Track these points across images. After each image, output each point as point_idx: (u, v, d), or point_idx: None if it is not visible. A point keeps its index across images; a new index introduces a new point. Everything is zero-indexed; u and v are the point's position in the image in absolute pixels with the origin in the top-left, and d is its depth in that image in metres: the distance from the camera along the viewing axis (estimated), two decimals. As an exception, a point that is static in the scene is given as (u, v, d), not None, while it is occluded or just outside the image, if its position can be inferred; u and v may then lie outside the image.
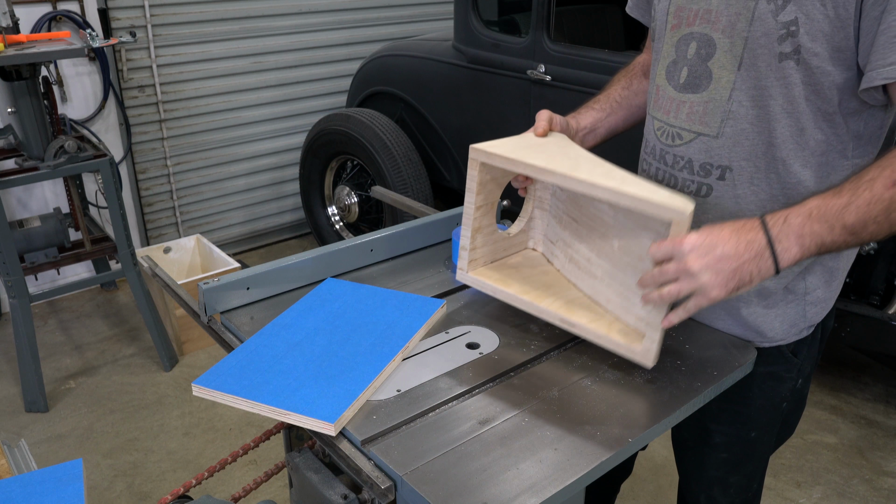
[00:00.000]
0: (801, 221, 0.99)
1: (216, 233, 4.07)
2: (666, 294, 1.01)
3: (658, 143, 1.27)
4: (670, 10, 1.20)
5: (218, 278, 1.33)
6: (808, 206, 1.00)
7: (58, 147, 2.65)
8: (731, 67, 1.12)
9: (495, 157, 1.20)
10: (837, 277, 1.24)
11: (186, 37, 3.62)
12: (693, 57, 1.17)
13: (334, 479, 1.11)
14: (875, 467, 2.52)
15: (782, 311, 1.23)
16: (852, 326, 2.63)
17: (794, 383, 1.31)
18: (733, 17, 1.10)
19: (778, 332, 1.25)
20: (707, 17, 1.13)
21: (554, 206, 1.37)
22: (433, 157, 3.49)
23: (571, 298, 1.25)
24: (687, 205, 1.00)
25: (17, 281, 2.67)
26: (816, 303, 1.24)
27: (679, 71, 1.20)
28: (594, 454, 0.97)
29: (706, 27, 1.14)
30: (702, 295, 1.00)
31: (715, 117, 1.16)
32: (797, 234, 0.99)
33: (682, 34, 1.18)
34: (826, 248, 1.00)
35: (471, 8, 3.12)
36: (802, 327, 1.26)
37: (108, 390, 2.93)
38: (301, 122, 4.13)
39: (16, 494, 1.06)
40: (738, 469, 1.37)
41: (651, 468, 2.49)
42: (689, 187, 1.22)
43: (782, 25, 1.05)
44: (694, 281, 0.99)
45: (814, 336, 1.29)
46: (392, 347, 1.19)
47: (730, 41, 1.11)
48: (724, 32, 1.11)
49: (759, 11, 1.06)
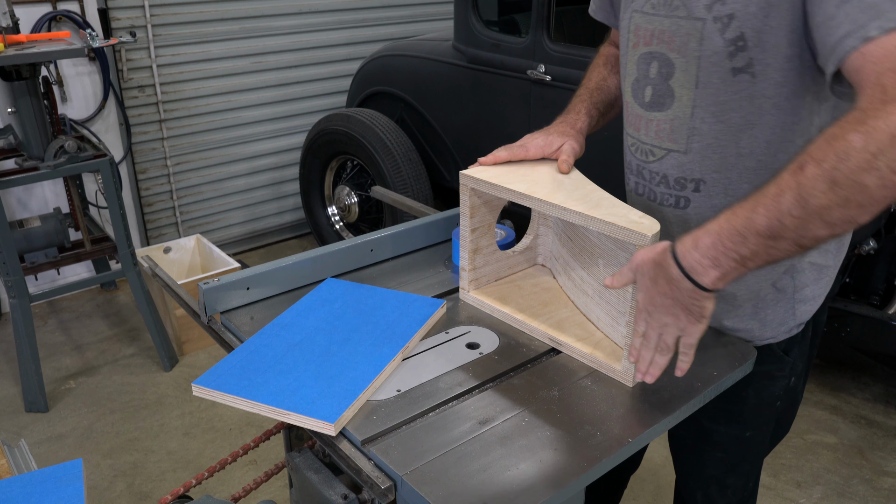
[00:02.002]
0: (712, 241, 0.92)
1: (216, 233, 4.08)
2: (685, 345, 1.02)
3: (634, 158, 1.29)
4: (630, 28, 1.22)
5: (218, 278, 1.33)
6: (718, 222, 0.93)
7: (58, 147, 2.65)
8: (690, 86, 1.13)
9: (481, 183, 1.25)
10: (827, 275, 1.24)
11: (186, 37, 3.62)
12: (655, 76, 1.18)
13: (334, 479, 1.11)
14: (875, 467, 2.52)
15: (772, 309, 1.23)
16: (852, 326, 2.63)
17: (786, 381, 1.31)
18: (684, 37, 1.11)
19: (767, 331, 1.25)
20: (662, 38, 1.15)
21: (556, 223, 1.40)
22: (433, 157, 3.49)
23: (564, 317, 1.28)
24: (651, 228, 1.03)
25: (17, 281, 2.67)
26: (806, 301, 1.24)
27: (643, 89, 1.22)
28: (594, 454, 0.97)
29: (663, 47, 1.15)
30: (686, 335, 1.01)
31: (681, 134, 1.17)
32: (710, 256, 0.92)
33: (641, 52, 1.20)
34: (750, 260, 0.91)
35: (471, 8, 3.12)
36: (792, 325, 1.26)
37: (108, 390, 2.93)
38: (301, 122, 4.14)
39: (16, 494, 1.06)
40: (734, 468, 1.38)
41: (651, 468, 2.49)
42: (667, 201, 1.23)
43: (729, 42, 1.06)
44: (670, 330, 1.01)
45: (804, 334, 1.30)
46: (392, 347, 1.19)
47: (685, 60, 1.13)
48: (679, 52, 1.13)
49: (707, 31, 1.08)
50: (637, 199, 1.29)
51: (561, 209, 1.13)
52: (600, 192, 1.17)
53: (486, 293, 1.37)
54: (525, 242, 1.45)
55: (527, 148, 1.30)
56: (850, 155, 0.82)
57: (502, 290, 1.38)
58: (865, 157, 0.81)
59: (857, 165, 0.82)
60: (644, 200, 1.27)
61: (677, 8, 1.11)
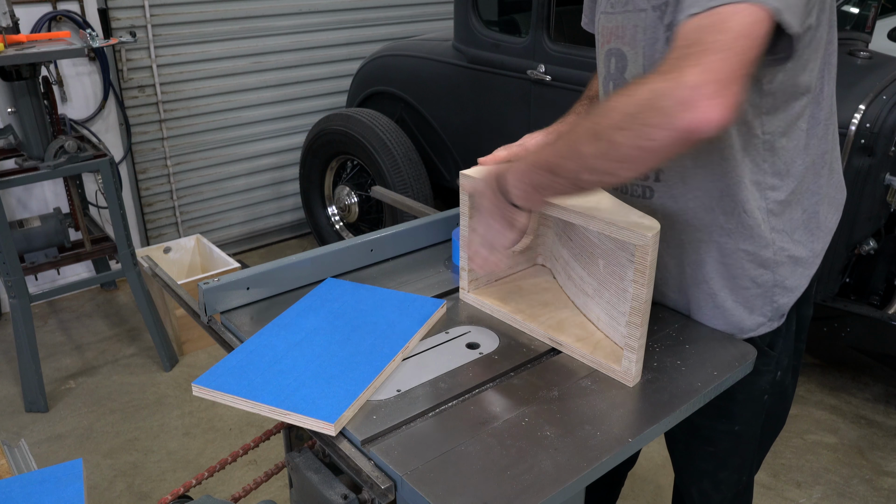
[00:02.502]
0: (520, 170, 1.08)
1: (216, 233, 4.08)
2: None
3: None
4: (598, 30, 1.27)
5: (218, 278, 1.33)
6: (531, 154, 1.09)
7: (58, 147, 2.65)
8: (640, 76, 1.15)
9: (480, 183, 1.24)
10: (803, 265, 1.25)
11: (186, 37, 3.62)
12: (615, 71, 1.23)
13: (334, 479, 1.11)
14: (875, 467, 2.52)
15: (750, 302, 1.25)
16: (852, 326, 2.63)
17: (772, 376, 1.33)
18: (632, 30, 1.15)
19: (747, 325, 1.26)
20: (617, 33, 1.19)
21: (556, 223, 1.40)
22: (433, 157, 3.49)
23: (563, 318, 1.29)
24: (651, 228, 1.04)
25: (17, 281, 2.67)
26: (785, 292, 1.25)
27: (608, 85, 1.26)
28: (594, 454, 0.97)
29: (618, 42, 1.20)
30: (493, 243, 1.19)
31: None
32: (518, 179, 1.08)
33: (605, 51, 1.25)
34: (543, 189, 1.05)
35: (471, 8, 3.12)
36: (772, 317, 1.27)
37: (108, 390, 2.93)
38: (301, 122, 4.14)
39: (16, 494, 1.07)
40: (725, 463, 1.40)
41: (651, 468, 2.49)
42: (636, 191, 1.28)
43: (667, 28, 1.09)
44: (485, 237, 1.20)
45: (788, 327, 1.31)
46: (392, 347, 1.19)
47: (634, 52, 1.16)
48: (630, 45, 1.17)
49: (649, 20, 1.12)
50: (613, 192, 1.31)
51: (561, 209, 1.13)
52: (601, 192, 1.17)
53: (485, 293, 1.37)
54: (525, 242, 1.45)
55: (526, 147, 1.32)
56: (610, 113, 0.93)
57: (502, 290, 1.38)
58: (621, 116, 0.91)
59: (613, 123, 0.91)
60: (618, 193, 1.31)
61: (627, 3, 1.15)
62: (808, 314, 1.37)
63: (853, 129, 2.38)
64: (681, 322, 1.29)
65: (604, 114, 0.93)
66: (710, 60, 0.86)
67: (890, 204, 2.53)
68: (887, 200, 2.52)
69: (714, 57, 0.86)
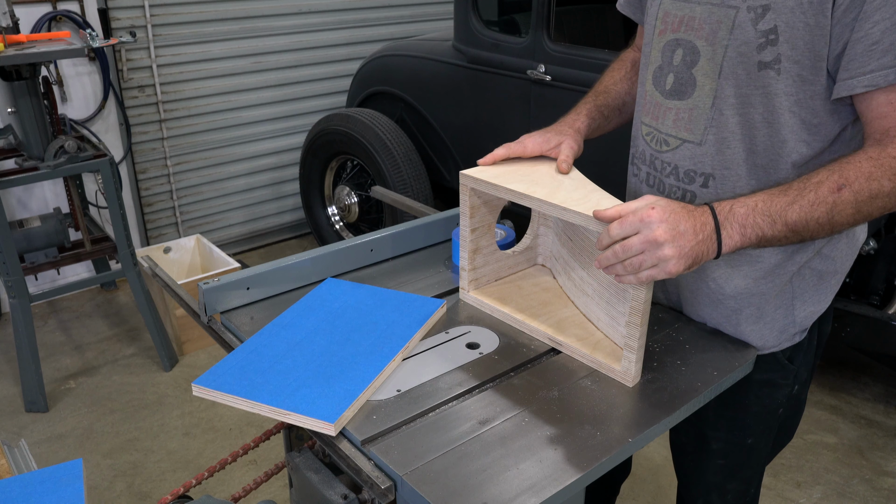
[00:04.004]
0: (746, 212, 1.03)
1: (216, 233, 4.08)
2: (646, 277, 1.01)
3: (648, 148, 1.27)
4: (658, 15, 1.21)
5: (218, 278, 1.33)
6: (754, 199, 1.04)
7: (58, 147, 2.65)
8: (713, 75, 1.13)
9: (481, 183, 1.24)
10: (829, 281, 1.23)
11: (186, 37, 3.62)
12: (679, 63, 1.18)
13: (334, 479, 1.11)
14: (875, 467, 2.52)
15: (771, 317, 1.23)
16: (852, 326, 2.63)
17: (790, 389, 1.30)
18: (714, 24, 1.10)
19: (769, 340, 1.24)
20: (691, 24, 1.14)
21: (556, 223, 1.40)
22: (433, 157, 3.49)
23: (564, 317, 1.28)
24: None
25: (17, 281, 2.67)
26: (806, 307, 1.23)
27: (665, 77, 1.21)
28: (594, 454, 0.97)
29: (690, 34, 1.15)
30: (660, 268, 1.00)
31: (699, 125, 1.17)
32: (741, 223, 1.02)
33: (667, 39, 1.19)
34: (766, 241, 1.04)
35: (471, 8, 3.12)
36: (794, 332, 1.25)
37: (108, 390, 2.93)
38: (301, 122, 4.14)
39: (16, 494, 1.06)
40: (735, 475, 1.37)
41: (651, 468, 2.49)
42: (674, 193, 1.23)
43: (762, 34, 1.06)
44: (658, 252, 0.99)
45: (809, 341, 1.29)
46: (392, 347, 1.19)
47: (712, 49, 1.12)
48: (707, 40, 1.12)
49: (739, 20, 1.07)
50: (648, 190, 1.28)
51: (561, 209, 1.13)
52: (600, 192, 1.17)
53: (486, 293, 1.37)
54: (525, 242, 1.45)
55: (524, 144, 1.30)
56: (879, 196, 1.01)
57: (502, 290, 1.38)
58: (891, 200, 1.02)
59: (882, 205, 1.02)
60: (652, 192, 1.26)
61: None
62: (827, 330, 1.35)
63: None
64: (681, 322, 1.29)
65: (871, 196, 1.01)
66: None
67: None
68: (887, 200, 2.51)
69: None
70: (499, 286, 1.40)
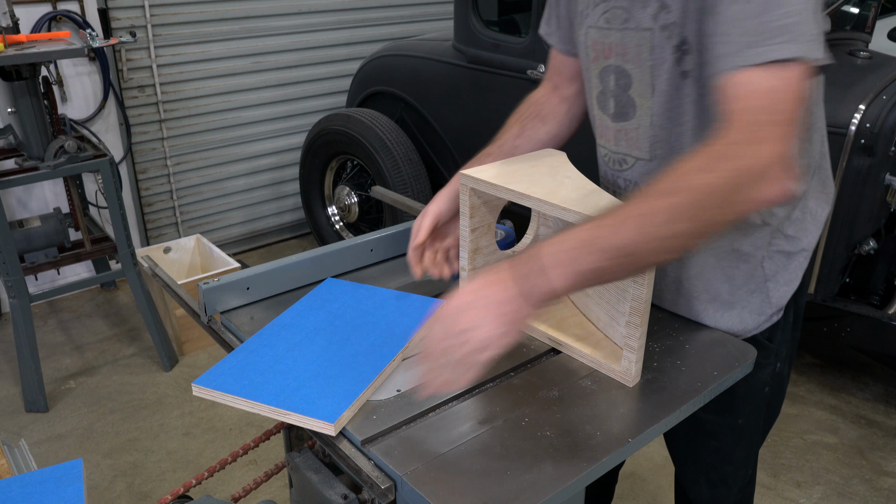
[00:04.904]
0: (563, 249, 0.93)
1: (216, 233, 4.08)
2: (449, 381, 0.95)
3: (608, 169, 1.32)
4: (588, 44, 1.25)
5: (218, 278, 1.33)
6: (569, 235, 0.93)
7: (58, 147, 2.65)
8: (647, 94, 1.17)
9: (481, 183, 1.24)
10: (796, 259, 1.26)
11: (186, 37, 3.62)
12: (615, 88, 1.22)
13: (334, 479, 1.11)
14: (875, 467, 2.52)
15: (748, 302, 1.26)
16: (852, 326, 2.63)
17: (773, 368, 1.34)
18: (636, 48, 1.15)
19: (749, 324, 1.27)
20: (618, 50, 1.18)
21: (556, 223, 1.40)
22: (433, 157, 3.49)
23: (564, 317, 1.28)
24: None
25: (17, 281, 2.67)
26: (779, 286, 1.26)
27: (608, 101, 1.25)
28: (594, 454, 0.97)
29: (619, 59, 1.19)
30: (485, 349, 0.94)
31: (645, 142, 1.21)
32: (559, 262, 0.92)
33: (601, 66, 1.23)
34: (596, 274, 0.92)
35: (471, 8, 3.12)
36: (771, 313, 1.28)
37: (108, 390, 2.93)
38: (301, 122, 4.14)
39: (16, 494, 1.07)
40: (730, 458, 1.40)
41: (651, 468, 2.49)
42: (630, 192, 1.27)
43: (675, 48, 1.10)
44: (473, 336, 0.93)
45: (786, 319, 1.32)
46: (392, 347, 1.19)
47: (640, 70, 1.16)
48: (634, 63, 1.16)
49: (656, 40, 1.11)
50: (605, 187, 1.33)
51: (561, 209, 1.13)
52: (600, 192, 1.17)
53: None
54: (525, 242, 1.45)
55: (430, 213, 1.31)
56: (694, 191, 0.90)
57: None
58: (709, 194, 0.90)
59: (701, 201, 0.90)
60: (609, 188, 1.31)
61: (627, 21, 1.15)
62: (803, 304, 1.39)
63: (853, 129, 2.38)
64: (681, 322, 1.29)
65: (684, 191, 0.90)
66: (784, 134, 0.91)
67: (890, 204, 2.53)
68: (887, 200, 2.52)
69: (786, 129, 0.91)
70: None
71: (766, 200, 0.91)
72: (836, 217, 2.48)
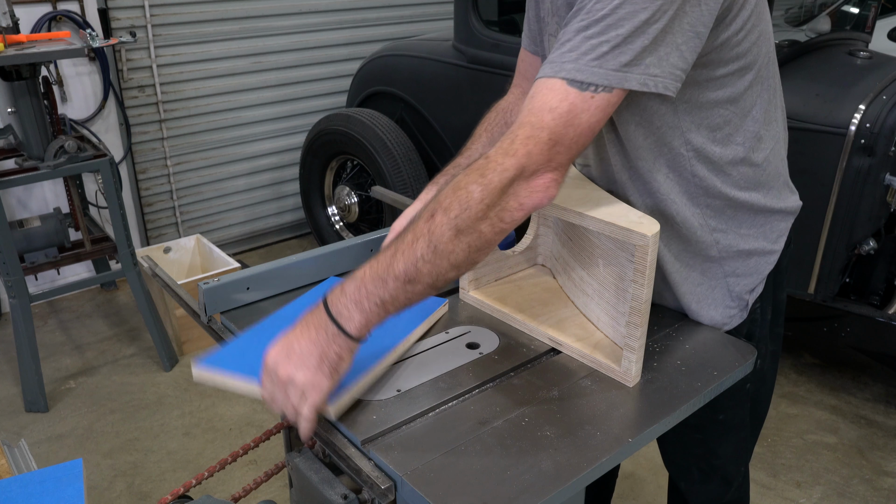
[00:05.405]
0: (356, 286, 0.97)
1: (216, 233, 4.08)
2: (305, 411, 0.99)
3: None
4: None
5: (218, 278, 1.33)
6: (363, 268, 0.99)
7: (58, 147, 2.65)
8: None
9: None
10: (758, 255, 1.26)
11: (186, 37, 3.62)
12: None
13: (334, 479, 1.11)
14: (875, 467, 2.52)
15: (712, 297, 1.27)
16: (852, 326, 2.63)
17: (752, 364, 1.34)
18: None
19: (717, 318, 1.28)
20: None
21: (556, 223, 1.40)
22: (433, 157, 3.49)
23: (564, 317, 1.29)
24: (650, 228, 1.03)
25: (17, 281, 2.67)
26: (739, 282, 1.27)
27: None
28: (594, 454, 0.97)
29: None
30: (308, 395, 0.98)
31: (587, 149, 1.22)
32: (354, 300, 0.97)
33: None
34: (391, 304, 0.97)
35: (471, 8, 3.12)
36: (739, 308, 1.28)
37: (108, 390, 2.93)
38: (301, 122, 4.14)
39: (16, 494, 1.07)
40: (717, 452, 1.42)
41: (651, 468, 2.49)
42: None
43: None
44: (295, 386, 0.98)
45: (763, 315, 1.32)
46: (392, 339, 1.18)
47: None
48: None
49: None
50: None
51: (561, 209, 1.13)
52: (600, 192, 1.17)
53: (486, 293, 1.37)
54: (525, 242, 1.45)
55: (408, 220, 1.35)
56: (470, 206, 0.93)
57: (502, 290, 1.38)
58: (482, 208, 0.93)
59: (475, 215, 0.94)
60: None
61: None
62: (783, 299, 1.40)
63: (853, 129, 2.38)
64: (681, 322, 1.29)
65: (461, 207, 0.94)
66: (535, 152, 0.94)
67: (890, 204, 2.53)
68: (887, 200, 2.52)
69: (541, 148, 0.94)
70: (499, 286, 1.40)
71: (536, 204, 0.96)
72: (836, 217, 2.48)
